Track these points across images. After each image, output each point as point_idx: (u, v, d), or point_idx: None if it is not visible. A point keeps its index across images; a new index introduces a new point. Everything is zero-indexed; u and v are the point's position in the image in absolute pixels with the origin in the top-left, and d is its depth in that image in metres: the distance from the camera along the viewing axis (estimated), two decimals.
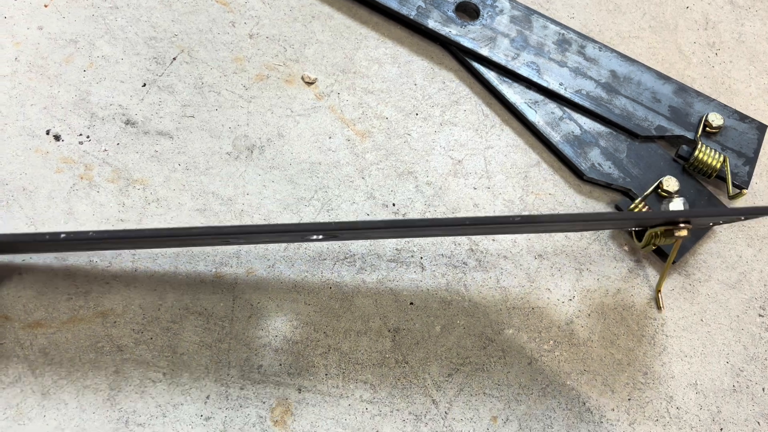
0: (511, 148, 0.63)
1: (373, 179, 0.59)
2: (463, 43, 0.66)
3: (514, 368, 0.53)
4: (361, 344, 0.52)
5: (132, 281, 0.51)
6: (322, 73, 0.64)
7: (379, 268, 0.55)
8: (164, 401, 0.48)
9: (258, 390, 0.49)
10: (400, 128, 0.62)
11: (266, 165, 0.58)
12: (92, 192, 0.54)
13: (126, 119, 0.58)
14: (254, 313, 0.52)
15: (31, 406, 0.47)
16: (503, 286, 0.56)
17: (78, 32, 0.61)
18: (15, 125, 0.55)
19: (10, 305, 0.49)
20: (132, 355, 0.49)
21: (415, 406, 0.51)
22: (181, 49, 0.62)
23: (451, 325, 0.54)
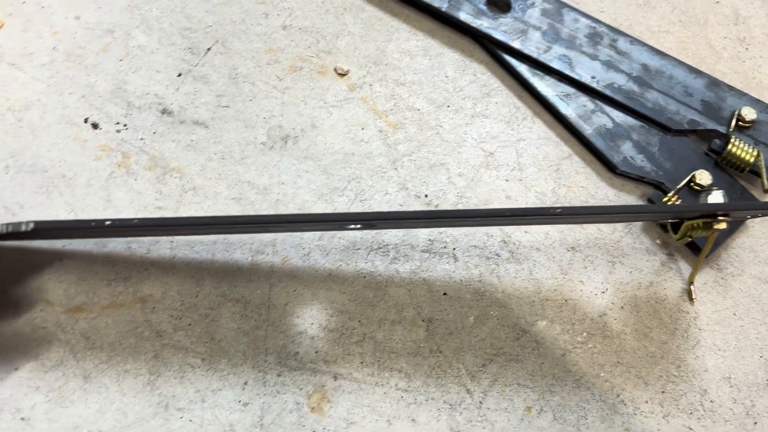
0: (542, 140, 0.63)
1: (406, 170, 0.60)
2: (494, 35, 0.66)
3: (547, 359, 0.53)
4: (395, 333, 0.53)
5: (170, 268, 0.52)
6: (355, 65, 0.64)
7: (413, 259, 0.56)
8: (203, 386, 0.49)
9: (295, 377, 0.50)
10: (431, 120, 0.63)
11: (300, 155, 0.59)
12: (130, 180, 0.55)
13: (162, 108, 0.58)
14: (290, 301, 0.52)
15: (73, 390, 0.47)
16: (536, 278, 0.56)
17: (114, 22, 0.61)
18: (54, 113, 0.56)
19: (52, 290, 0.50)
20: (171, 341, 0.50)
21: (449, 395, 0.51)
22: (216, 39, 0.62)
23: (484, 316, 0.54)
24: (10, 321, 0.49)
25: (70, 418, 0.46)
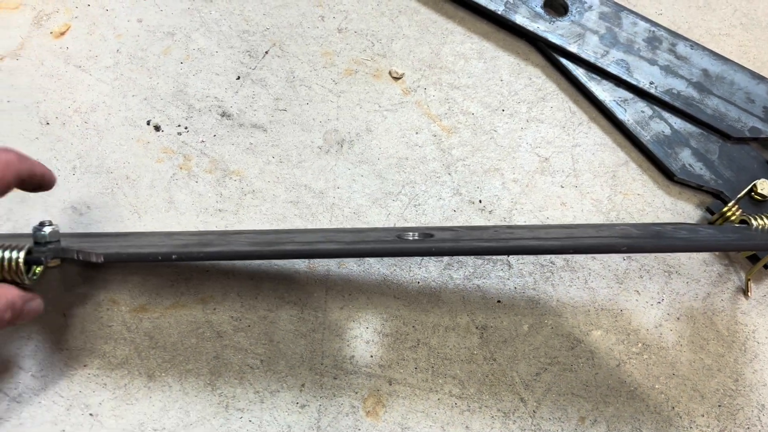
0: (598, 146, 0.63)
1: (460, 175, 0.60)
2: (551, 39, 0.65)
3: (602, 370, 0.53)
4: (449, 340, 0.53)
5: (230, 269, 0.53)
6: (409, 68, 0.64)
7: (466, 265, 0.56)
8: (262, 387, 0.50)
9: (351, 380, 0.51)
10: (486, 124, 0.62)
11: (355, 159, 0.59)
12: (191, 182, 0.56)
13: (222, 111, 0.59)
14: (345, 305, 0.53)
15: (138, 387, 0.49)
16: (591, 287, 0.56)
17: (175, 25, 0.62)
18: (118, 115, 0.58)
19: (117, 290, 0.52)
20: (231, 342, 0.51)
21: (503, 403, 0.51)
22: (273, 42, 0.63)
23: (538, 325, 0.54)
24: (79, 319, 0.50)
25: (136, 416, 0.48)
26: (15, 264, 0.42)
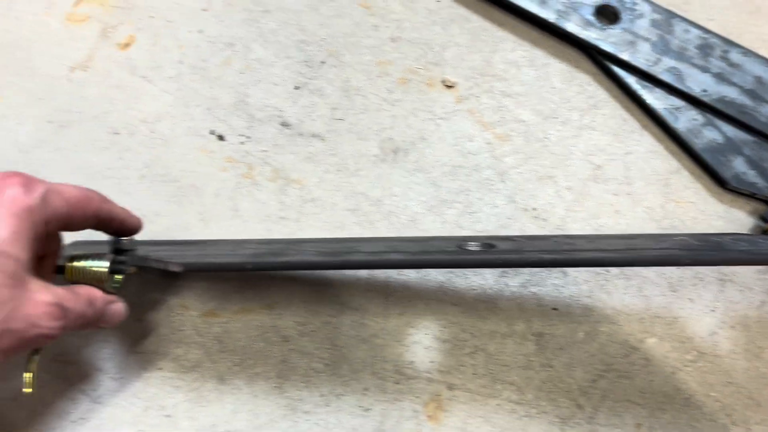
0: (651, 154, 0.63)
1: (513, 183, 0.61)
2: (602, 47, 0.66)
3: (657, 377, 0.54)
4: (506, 346, 0.54)
5: (293, 275, 0.55)
6: (461, 77, 0.65)
7: (522, 273, 0.57)
8: (327, 391, 0.51)
9: (411, 385, 0.52)
10: (538, 132, 0.63)
11: (410, 167, 0.60)
12: (254, 190, 0.58)
13: (282, 121, 0.61)
14: (405, 311, 0.55)
15: (209, 390, 0.51)
16: (646, 295, 0.57)
17: (234, 35, 0.64)
18: (182, 125, 0.60)
19: (188, 295, 0.54)
20: (296, 346, 0.53)
21: (560, 409, 0.52)
22: (329, 52, 0.65)
23: (594, 332, 0.55)
24: (152, 323, 0.52)
25: (208, 417, 0.50)
26: (98, 273, 0.44)
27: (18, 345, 0.36)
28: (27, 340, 0.36)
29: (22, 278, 0.36)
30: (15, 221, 0.36)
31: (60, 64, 0.62)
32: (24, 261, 0.36)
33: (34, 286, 0.37)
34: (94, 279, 0.44)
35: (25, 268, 0.37)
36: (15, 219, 0.36)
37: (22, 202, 0.36)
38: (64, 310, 0.39)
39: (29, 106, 0.60)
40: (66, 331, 0.39)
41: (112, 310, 0.44)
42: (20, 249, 0.36)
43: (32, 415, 0.50)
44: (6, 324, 0.35)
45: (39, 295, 0.37)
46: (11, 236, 0.35)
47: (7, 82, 0.61)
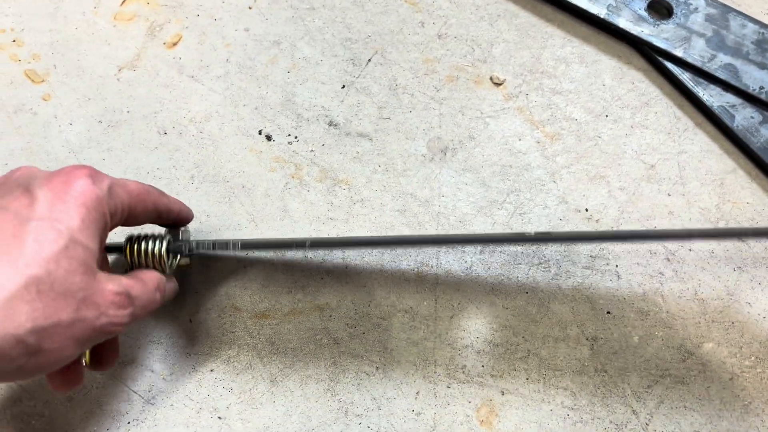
0: (705, 153, 0.62)
1: (565, 183, 0.60)
2: (655, 43, 0.64)
3: (714, 383, 0.53)
4: (559, 351, 0.53)
5: (343, 277, 0.55)
6: (510, 74, 0.64)
7: (574, 275, 0.56)
8: (378, 394, 0.51)
9: (463, 389, 0.52)
10: (590, 130, 0.62)
11: (459, 167, 0.60)
12: (303, 191, 0.57)
13: (329, 120, 0.60)
14: (455, 314, 0.54)
15: (261, 392, 0.51)
16: (701, 298, 0.56)
17: (280, 34, 0.64)
18: (231, 125, 0.59)
19: (239, 296, 0.54)
20: (347, 348, 0.52)
21: (615, 415, 0.51)
22: (375, 50, 0.64)
23: (649, 336, 0.54)
24: (204, 325, 0.53)
25: (261, 419, 0.50)
26: (158, 254, 0.44)
27: (90, 334, 0.36)
28: (97, 330, 0.36)
29: (92, 267, 0.36)
30: (84, 211, 0.36)
31: (109, 64, 0.62)
32: (93, 250, 0.37)
33: (101, 276, 0.37)
34: (153, 260, 0.44)
35: (94, 258, 0.37)
36: (84, 209, 0.36)
37: (91, 192, 0.37)
38: (131, 298, 0.39)
39: (79, 106, 0.60)
40: (136, 318, 0.40)
41: (169, 288, 0.45)
42: (90, 238, 0.36)
43: (87, 416, 0.50)
44: (78, 313, 0.35)
45: (106, 284, 0.37)
46: (81, 225, 0.36)
47: (58, 83, 0.61)
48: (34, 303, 0.32)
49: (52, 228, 0.34)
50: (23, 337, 0.32)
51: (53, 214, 0.35)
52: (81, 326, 0.35)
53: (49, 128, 0.59)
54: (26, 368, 0.33)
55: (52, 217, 0.35)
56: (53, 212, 0.35)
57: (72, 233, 0.35)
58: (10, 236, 0.33)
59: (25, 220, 0.34)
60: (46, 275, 0.33)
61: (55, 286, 0.34)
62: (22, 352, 0.32)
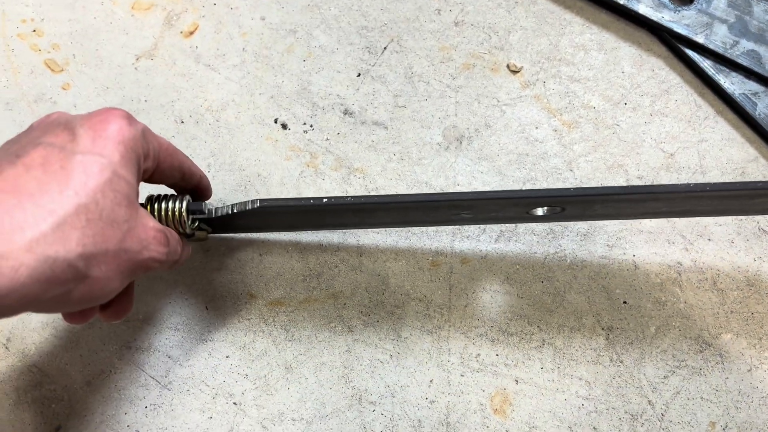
0: (726, 141, 0.61)
1: (582, 172, 0.59)
2: (676, 29, 0.63)
3: (732, 374, 0.52)
4: (574, 340, 0.53)
5: (357, 266, 0.55)
6: (527, 61, 0.64)
7: (591, 265, 0.55)
8: (392, 382, 0.51)
9: (477, 378, 0.52)
10: (608, 118, 0.61)
11: (475, 156, 0.59)
12: (318, 179, 0.58)
13: (344, 109, 0.60)
14: (470, 303, 0.54)
15: (276, 378, 0.51)
16: (720, 289, 0.55)
17: (296, 22, 0.64)
18: (247, 114, 0.60)
19: (254, 284, 0.54)
20: (361, 336, 0.53)
21: (630, 405, 0.51)
22: (391, 38, 0.64)
23: (665, 327, 0.54)
24: (220, 312, 0.53)
25: (276, 405, 0.51)
26: (179, 213, 0.45)
27: (132, 267, 0.37)
28: (140, 263, 0.37)
29: (134, 202, 0.37)
30: (123, 148, 0.37)
31: (126, 53, 0.62)
32: (134, 185, 0.38)
33: (142, 211, 0.38)
34: (174, 219, 0.45)
35: (135, 193, 0.38)
36: (123, 146, 0.37)
37: (128, 131, 0.38)
38: (167, 238, 0.40)
39: (98, 95, 0.61)
40: (167, 261, 0.40)
41: (186, 251, 0.45)
42: (130, 174, 0.37)
43: (105, 400, 0.51)
44: (123, 243, 0.36)
45: (148, 221, 0.38)
46: (121, 160, 0.36)
47: (76, 72, 0.62)
48: (84, 229, 0.33)
49: (96, 161, 0.35)
50: (73, 261, 0.33)
51: (95, 149, 0.36)
52: (126, 257, 0.36)
53: None
54: (73, 296, 0.34)
55: (94, 151, 0.35)
56: (95, 147, 0.36)
57: (114, 167, 0.36)
58: (58, 168, 0.34)
59: (70, 153, 0.35)
60: (94, 204, 0.34)
61: (103, 216, 0.34)
62: (71, 277, 0.33)
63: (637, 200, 0.45)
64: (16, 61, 0.61)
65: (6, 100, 0.60)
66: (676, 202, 0.47)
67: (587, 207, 0.48)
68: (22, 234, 0.31)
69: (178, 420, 0.50)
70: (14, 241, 0.31)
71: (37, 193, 0.32)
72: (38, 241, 0.31)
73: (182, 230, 0.45)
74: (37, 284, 0.31)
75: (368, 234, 0.56)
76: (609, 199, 0.45)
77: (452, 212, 0.48)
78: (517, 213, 0.49)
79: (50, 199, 0.33)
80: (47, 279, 0.31)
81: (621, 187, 0.45)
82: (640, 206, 0.48)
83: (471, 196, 0.46)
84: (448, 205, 0.46)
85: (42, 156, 0.34)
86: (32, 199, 0.32)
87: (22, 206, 0.32)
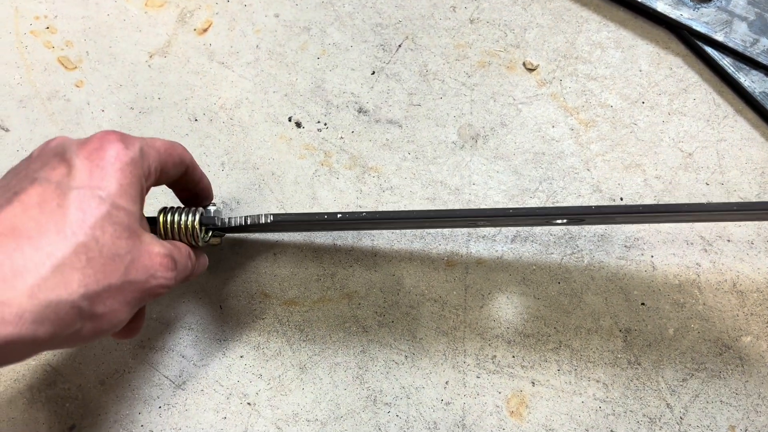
0: (746, 141, 0.60)
1: (599, 171, 0.58)
2: (695, 27, 0.62)
3: (752, 377, 0.52)
4: (592, 342, 0.52)
5: (372, 266, 0.54)
6: (543, 59, 0.63)
7: (608, 266, 0.55)
8: (407, 383, 0.51)
9: (493, 380, 0.51)
10: (625, 117, 0.60)
11: (490, 155, 0.59)
12: (332, 178, 0.57)
13: (358, 107, 0.60)
14: (485, 304, 0.53)
15: (291, 379, 0.51)
16: (740, 291, 0.54)
17: (310, 19, 0.63)
18: (261, 112, 0.59)
19: (268, 283, 0.54)
20: (376, 337, 0.52)
21: (648, 408, 0.50)
22: (406, 36, 0.63)
23: (684, 329, 0.53)
24: (234, 312, 0.53)
25: (290, 406, 0.50)
26: (191, 226, 0.44)
27: (139, 297, 0.37)
28: (147, 291, 0.37)
29: (136, 230, 0.37)
30: (121, 176, 0.36)
31: (140, 51, 0.62)
32: (135, 213, 0.37)
33: (146, 238, 0.38)
34: (186, 232, 0.44)
35: (137, 221, 0.37)
36: (121, 174, 0.36)
37: (125, 156, 0.37)
38: (174, 261, 0.40)
39: (111, 92, 0.60)
40: (176, 283, 0.40)
41: (200, 262, 0.45)
42: (130, 202, 0.37)
43: (119, 400, 0.51)
44: (127, 276, 0.35)
45: (152, 246, 0.38)
46: (120, 190, 0.36)
47: (90, 69, 0.61)
48: (85, 269, 0.33)
49: (93, 195, 0.35)
50: (77, 302, 0.32)
51: (92, 182, 0.35)
52: (132, 289, 0.36)
53: (82, 115, 0.60)
54: (83, 333, 0.34)
55: (91, 185, 0.35)
56: (92, 180, 0.35)
57: (112, 199, 0.35)
58: (55, 206, 0.34)
59: (66, 190, 0.35)
60: (93, 242, 0.34)
61: (103, 252, 0.34)
62: (77, 318, 0.33)
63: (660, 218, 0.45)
64: (30, 58, 0.61)
65: (20, 97, 0.60)
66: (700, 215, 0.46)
67: (607, 219, 0.47)
68: (23, 280, 0.31)
69: (192, 420, 0.50)
70: (16, 287, 0.30)
71: (35, 236, 0.32)
72: (39, 287, 0.31)
73: (195, 243, 0.45)
74: (42, 328, 0.31)
75: (383, 234, 0.55)
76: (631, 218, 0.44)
77: (468, 224, 0.47)
78: (536, 221, 0.49)
79: (48, 241, 0.32)
80: (52, 322, 0.31)
81: (644, 206, 0.44)
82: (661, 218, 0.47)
83: (489, 213, 0.45)
84: (465, 222, 0.45)
85: (39, 194, 0.34)
86: (31, 241, 0.32)
87: (21, 250, 0.32)
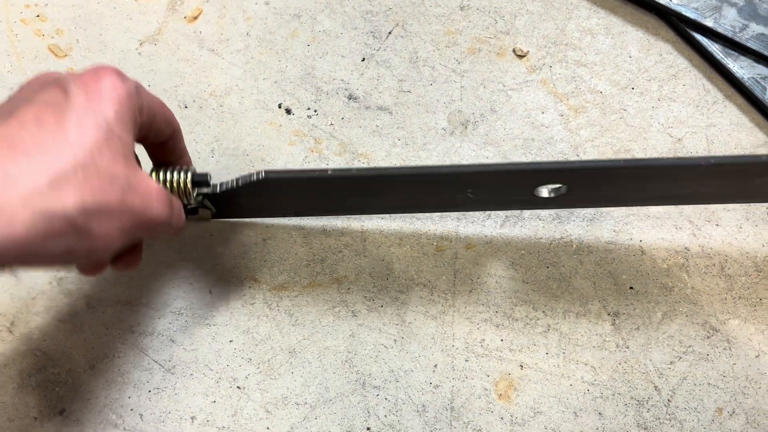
0: (735, 126, 0.60)
1: (588, 157, 0.59)
2: (684, 13, 0.62)
3: (740, 360, 0.52)
4: (580, 326, 0.53)
5: (362, 251, 0.54)
6: (533, 46, 0.63)
7: (597, 250, 0.55)
8: (396, 367, 0.51)
9: (482, 363, 0.51)
10: (615, 103, 0.61)
11: (480, 141, 0.59)
12: (322, 164, 0.57)
13: (348, 94, 0.60)
14: (474, 288, 0.54)
15: (280, 363, 0.51)
16: (728, 274, 0.54)
17: (301, 6, 0.63)
18: (251, 99, 0.59)
19: (258, 269, 0.54)
20: (365, 321, 0.52)
21: (636, 391, 0.51)
22: (396, 22, 0.63)
23: (672, 312, 0.53)
24: (223, 296, 0.53)
25: (279, 390, 0.51)
26: (183, 183, 0.44)
27: (135, 225, 0.36)
28: (143, 222, 0.36)
29: (132, 160, 0.36)
30: (117, 105, 0.36)
31: (130, 38, 0.62)
32: (130, 144, 0.37)
33: (142, 171, 0.37)
34: (177, 191, 0.44)
35: (132, 152, 0.37)
36: (117, 103, 0.36)
37: (120, 88, 0.37)
38: (170, 199, 0.39)
39: None
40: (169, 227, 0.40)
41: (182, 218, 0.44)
42: (126, 132, 0.36)
43: (109, 384, 0.51)
44: (124, 200, 0.35)
45: (150, 180, 0.37)
46: (116, 117, 0.35)
47: (80, 57, 0.61)
48: (82, 185, 0.32)
49: (91, 118, 0.34)
50: (71, 216, 0.32)
51: (90, 106, 0.35)
52: (128, 214, 0.35)
53: None
54: (76, 251, 0.33)
55: (89, 108, 0.35)
56: (90, 104, 0.35)
57: (110, 125, 0.35)
58: (52, 124, 0.33)
59: (64, 110, 0.34)
60: (91, 162, 0.33)
61: (100, 172, 0.33)
62: (71, 232, 0.32)
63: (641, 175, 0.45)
64: (20, 46, 0.61)
65: (10, 85, 0.60)
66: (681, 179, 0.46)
67: (593, 187, 0.47)
68: (16, 188, 0.30)
69: (182, 404, 0.50)
70: (8, 195, 0.30)
71: (31, 149, 0.32)
72: (34, 196, 0.30)
73: (186, 202, 0.45)
74: (34, 238, 0.30)
75: (372, 219, 0.56)
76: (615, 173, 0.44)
77: (457, 189, 0.47)
78: (522, 193, 0.49)
79: (46, 155, 0.32)
80: (45, 233, 0.31)
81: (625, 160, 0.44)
82: (646, 187, 0.47)
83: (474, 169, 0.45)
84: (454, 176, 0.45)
85: (35, 113, 0.33)
86: (27, 154, 0.31)
87: (17, 161, 0.31)
